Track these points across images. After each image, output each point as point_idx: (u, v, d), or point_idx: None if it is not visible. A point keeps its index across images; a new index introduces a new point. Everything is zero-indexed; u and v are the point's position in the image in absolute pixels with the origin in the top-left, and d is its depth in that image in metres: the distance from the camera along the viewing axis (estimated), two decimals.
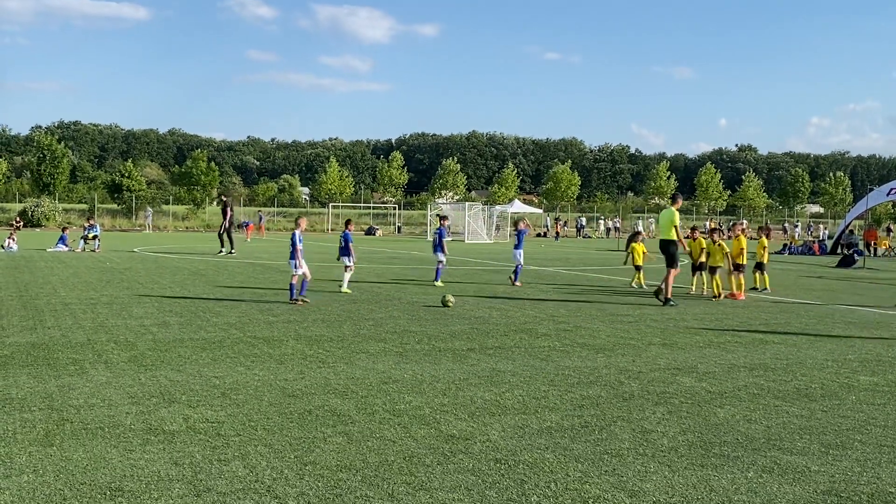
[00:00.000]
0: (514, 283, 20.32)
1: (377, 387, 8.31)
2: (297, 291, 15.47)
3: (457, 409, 7.44)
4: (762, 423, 7.22)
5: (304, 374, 8.84)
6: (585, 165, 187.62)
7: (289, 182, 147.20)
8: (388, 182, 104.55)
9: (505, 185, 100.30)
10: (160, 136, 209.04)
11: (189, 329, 11.92)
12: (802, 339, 12.44)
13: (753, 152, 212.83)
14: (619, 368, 9.63)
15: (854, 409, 7.81)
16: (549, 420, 7.15)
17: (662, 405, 7.82)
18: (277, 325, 12.60)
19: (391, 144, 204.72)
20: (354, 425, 6.82)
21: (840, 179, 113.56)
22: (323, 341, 11.09)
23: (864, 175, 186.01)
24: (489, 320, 13.65)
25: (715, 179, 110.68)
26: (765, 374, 9.48)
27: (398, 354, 10.22)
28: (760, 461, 6.10)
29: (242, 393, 7.89)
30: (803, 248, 47.40)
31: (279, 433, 6.53)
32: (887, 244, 46.56)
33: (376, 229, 68.38)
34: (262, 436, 6.45)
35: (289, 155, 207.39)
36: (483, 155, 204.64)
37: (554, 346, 11.10)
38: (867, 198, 45.50)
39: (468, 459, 5.99)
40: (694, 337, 12.35)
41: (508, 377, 8.96)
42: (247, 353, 10.04)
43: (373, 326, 12.63)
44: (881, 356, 10.93)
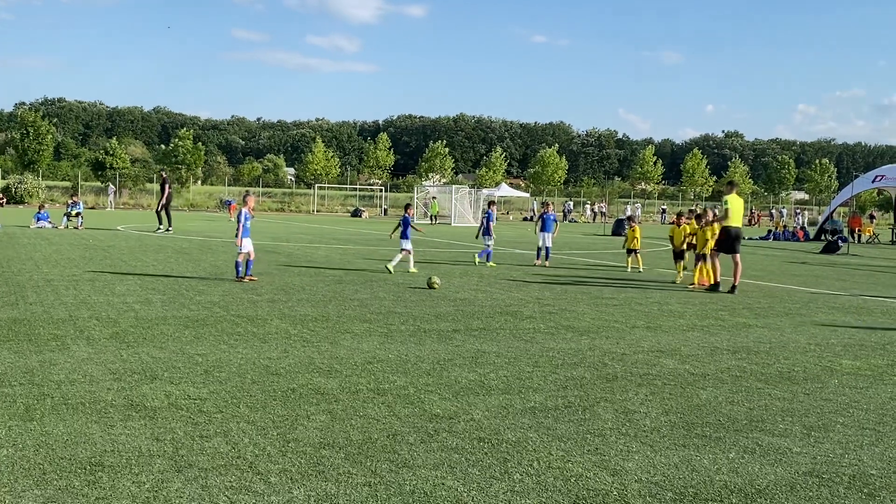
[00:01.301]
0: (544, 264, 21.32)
1: (361, 366, 8.29)
2: (242, 269, 15.43)
3: (441, 389, 7.43)
4: (744, 405, 7.24)
5: (288, 353, 8.81)
6: (573, 150, 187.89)
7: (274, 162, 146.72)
8: (374, 164, 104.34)
9: (492, 169, 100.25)
10: (145, 114, 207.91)
11: (172, 307, 11.85)
12: (786, 323, 12.49)
13: (740, 138, 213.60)
14: (603, 350, 9.64)
15: (836, 393, 7.85)
16: (532, 400, 7.15)
17: (645, 386, 7.84)
18: (261, 304, 12.55)
19: (378, 126, 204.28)
20: (338, 404, 6.80)
21: (825, 167, 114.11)
22: (307, 321, 11.05)
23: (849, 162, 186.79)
24: (474, 302, 13.65)
25: (701, 165, 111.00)
26: (747, 358, 9.52)
27: (383, 335, 10.19)
28: (742, 442, 6.12)
29: (225, 370, 7.85)
30: (787, 234, 47.61)
31: (262, 410, 6.50)
32: (871, 231, 46.81)
33: (362, 211, 68.26)
34: (244, 413, 6.42)
35: (274, 135, 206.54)
36: (470, 138, 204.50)
37: (538, 329, 11.10)
38: (852, 184, 45.73)
39: (452, 438, 5.98)
40: (678, 320, 12.38)
41: (493, 358, 8.96)
42: (230, 332, 9.99)
43: (358, 307, 12.60)
44: (864, 341, 10.99)
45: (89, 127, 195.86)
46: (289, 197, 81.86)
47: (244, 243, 15.42)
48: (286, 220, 53.23)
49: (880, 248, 39.57)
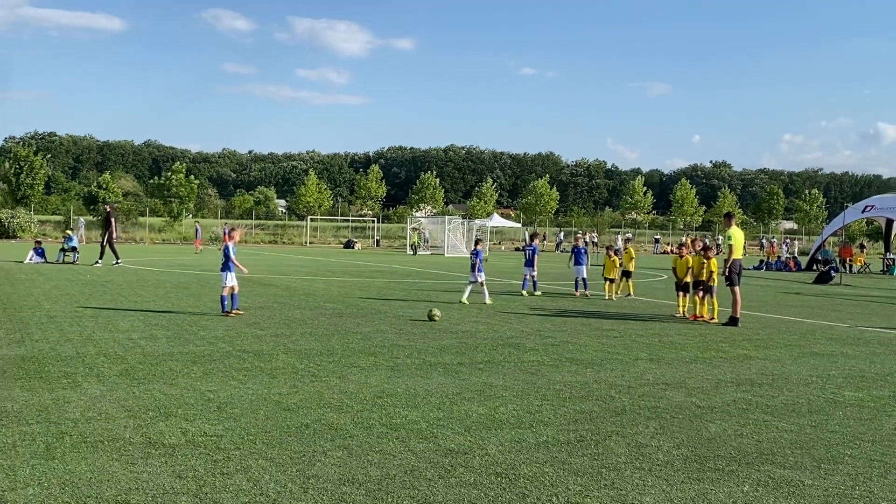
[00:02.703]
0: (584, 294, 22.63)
1: (372, 401, 8.36)
2: (228, 304, 15.45)
3: (453, 424, 7.50)
4: (753, 438, 7.33)
5: (298, 388, 8.87)
6: (562, 180, 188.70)
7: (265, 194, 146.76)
8: (366, 195, 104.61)
9: (483, 199, 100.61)
10: (136, 148, 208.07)
11: (177, 343, 11.91)
12: (786, 354, 12.61)
13: (728, 168, 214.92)
14: (609, 383, 9.73)
15: (842, 425, 7.95)
16: (544, 434, 7.23)
17: (655, 420, 7.92)
18: (266, 338, 12.61)
19: (369, 157, 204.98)
20: (353, 439, 6.86)
21: (814, 196, 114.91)
22: (313, 355, 11.12)
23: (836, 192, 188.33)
24: (476, 334, 13.73)
25: (690, 195, 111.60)
26: (752, 390, 9.62)
27: (390, 368, 10.27)
28: (755, 475, 6.21)
29: (238, 407, 7.91)
30: (779, 264, 47.88)
31: (279, 447, 6.57)
32: (862, 261, 47.13)
33: (355, 242, 68.36)
34: (262, 449, 6.48)
35: (265, 167, 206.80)
36: (461, 169, 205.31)
37: (543, 361, 11.19)
38: (843, 214, 46.12)
39: (469, 473, 6.05)
40: (680, 352, 12.49)
41: (501, 391, 9.04)
42: (238, 367, 10.05)
43: (361, 340, 12.67)
44: (864, 372, 11.11)
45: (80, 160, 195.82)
46: (281, 229, 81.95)
47: (229, 277, 15.49)
48: (280, 252, 53.27)
49: (872, 278, 39.83)
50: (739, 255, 16.78)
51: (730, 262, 16.54)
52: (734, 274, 16.56)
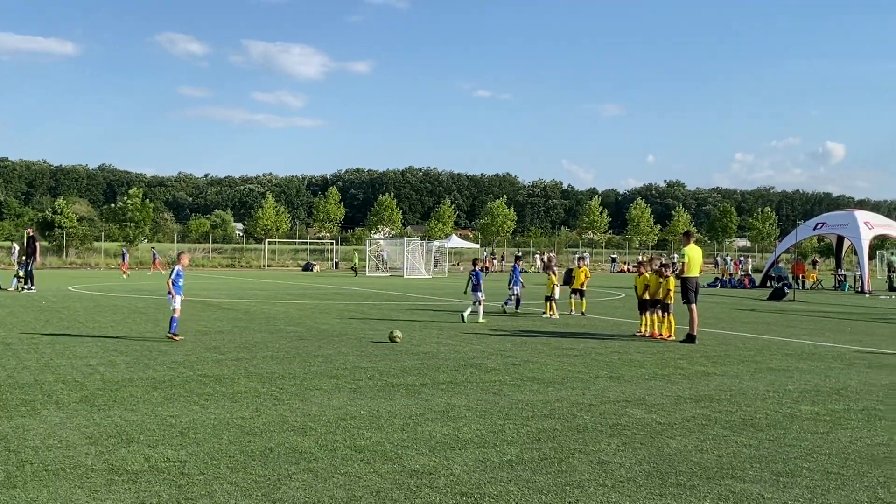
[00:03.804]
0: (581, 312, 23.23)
1: (335, 423, 8.35)
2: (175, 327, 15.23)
3: (417, 444, 7.53)
4: (713, 453, 7.45)
5: (260, 412, 8.84)
6: (520, 201, 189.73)
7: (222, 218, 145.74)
8: (324, 217, 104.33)
9: (441, 221, 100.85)
10: (90, 172, 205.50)
11: (137, 368, 11.79)
12: (743, 370, 12.82)
13: (682, 188, 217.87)
14: (571, 401, 9.82)
15: (799, 438, 8.11)
16: (508, 453, 7.28)
17: (616, 437, 8.02)
18: (226, 362, 12.53)
19: (326, 180, 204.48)
20: (318, 462, 6.86)
21: (767, 215, 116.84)
22: (275, 378, 11.07)
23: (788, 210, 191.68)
24: (438, 355, 13.77)
25: (645, 214, 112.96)
26: (710, 405, 9.76)
27: (352, 391, 10.26)
28: (716, 490, 6.32)
29: (200, 432, 7.86)
30: (733, 282, 48.57)
31: (243, 471, 6.54)
32: (815, 277, 47.98)
33: (314, 265, 68.09)
34: (226, 474, 6.45)
35: (221, 191, 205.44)
36: (418, 191, 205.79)
37: (504, 381, 11.26)
38: (796, 232, 46.99)
39: (434, 494, 6.08)
40: (639, 370, 12.63)
41: (464, 412, 9.08)
42: (199, 392, 9.98)
43: (323, 363, 12.64)
44: (819, 386, 11.33)
45: (32, 185, 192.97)
46: (239, 252, 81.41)
47: (177, 300, 15.31)
48: (238, 276, 52.89)
49: (824, 294, 40.57)
50: (695, 273, 17.04)
51: (682, 278, 16.80)
52: (690, 291, 16.81)
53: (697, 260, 17.23)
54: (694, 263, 17.02)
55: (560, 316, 22.48)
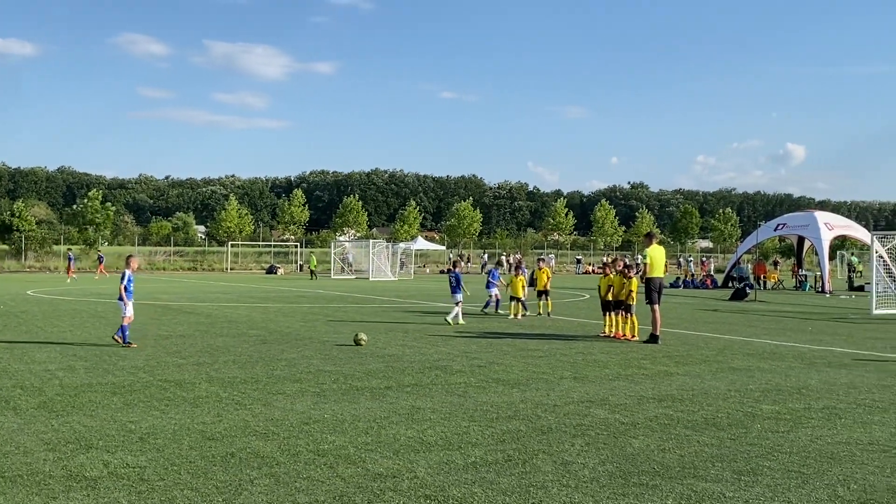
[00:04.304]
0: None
1: (298, 427, 8.29)
2: (121, 334, 14.91)
3: (381, 447, 7.49)
4: (676, 452, 7.49)
5: (222, 417, 8.74)
6: (485, 202, 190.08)
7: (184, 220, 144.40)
8: (288, 220, 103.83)
9: (407, 223, 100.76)
10: (49, 175, 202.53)
11: (96, 373, 11.62)
12: (705, 370, 12.92)
13: (645, 189, 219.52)
14: (535, 402, 9.83)
15: (760, 437, 8.18)
16: (472, 455, 7.27)
17: (580, 437, 8.03)
18: (187, 367, 12.40)
19: (290, 182, 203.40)
20: (280, 467, 6.79)
21: (728, 216, 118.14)
22: (237, 383, 10.97)
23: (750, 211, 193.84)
24: (403, 358, 13.73)
25: (610, 216, 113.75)
26: (673, 405, 9.82)
27: (316, 394, 10.19)
28: (678, 489, 6.34)
29: (161, 437, 7.76)
30: (695, 282, 49.01)
31: (204, 477, 6.46)
32: (776, 277, 48.55)
33: (277, 268, 67.71)
34: (186, 480, 6.36)
35: (183, 193, 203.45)
36: (384, 192, 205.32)
37: (470, 383, 11.25)
38: (757, 233, 47.50)
39: (398, 496, 6.04)
40: (603, 370, 12.68)
41: (429, 414, 9.05)
42: (159, 397, 9.86)
43: (286, 367, 12.55)
44: (780, 385, 11.44)
45: None
46: (201, 255, 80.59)
47: (128, 307, 15.03)
48: (200, 279, 52.41)
49: (785, 294, 41.07)
50: (658, 274, 17.16)
51: (645, 279, 16.96)
52: (653, 292, 16.93)
53: (660, 260, 17.36)
54: (657, 264, 17.14)
55: (524, 317, 22.56)
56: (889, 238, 34.82)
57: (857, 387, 11.37)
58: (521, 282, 23.26)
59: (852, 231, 48.62)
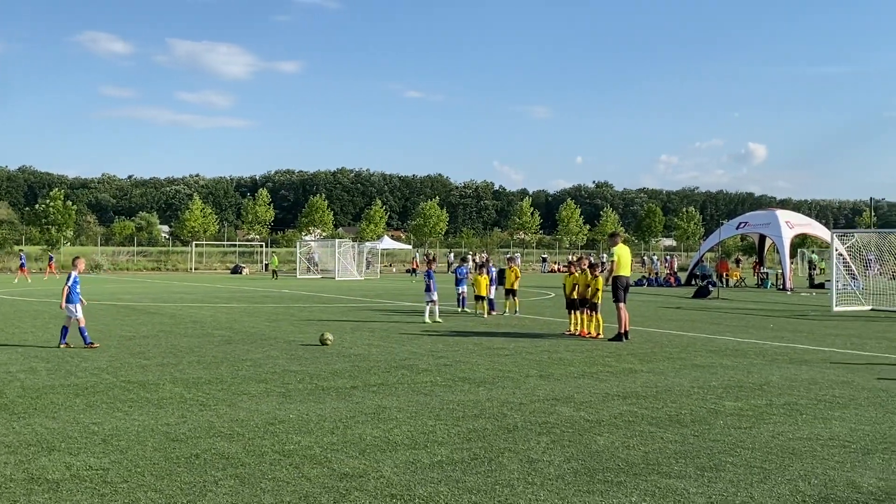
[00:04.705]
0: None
1: (263, 428, 8.25)
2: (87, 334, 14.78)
3: (347, 447, 7.48)
4: (640, 449, 7.56)
5: (186, 418, 8.68)
6: (452, 202, 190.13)
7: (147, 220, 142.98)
8: (253, 219, 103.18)
9: (373, 222, 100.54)
10: (10, 174, 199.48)
11: (58, 375, 11.48)
12: (669, 367, 13.04)
13: (610, 188, 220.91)
14: (501, 401, 9.87)
15: (723, 433, 8.28)
16: (439, 454, 7.28)
17: (545, 435, 8.08)
18: (151, 368, 12.29)
19: (255, 181, 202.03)
20: (245, 468, 6.76)
21: (691, 214, 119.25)
22: (201, 384, 10.89)
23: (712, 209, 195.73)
24: (369, 357, 13.71)
25: (575, 215, 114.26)
26: (637, 402, 9.91)
27: (281, 395, 10.15)
28: (642, 485, 6.40)
29: (124, 439, 7.69)
30: (659, 280, 49.41)
31: (168, 478, 6.41)
32: (738, 275, 49.08)
33: (242, 268, 67.25)
34: (150, 482, 6.31)
35: (146, 192, 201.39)
36: (350, 192, 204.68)
37: (436, 381, 11.27)
38: (719, 231, 47.99)
39: (364, 496, 6.04)
40: (568, 368, 12.76)
41: (395, 413, 9.05)
42: (123, 399, 9.76)
43: (252, 367, 12.48)
44: (742, 382, 11.58)
45: None
46: (165, 255, 79.77)
47: (78, 308, 14.84)
48: (164, 279, 51.92)
49: (747, 292, 41.53)
50: (625, 273, 17.32)
51: (611, 278, 17.14)
52: (620, 290, 17.07)
53: (626, 259, 17.53)
54: (623, 263, 17.31)
55: (492, 316, 22.65)
56: (848, 236, 35.39)
57: (817, 383, 11.54)
58: (486, 280, 23.37)
59: (813, 229, 49.29)
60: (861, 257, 37.85)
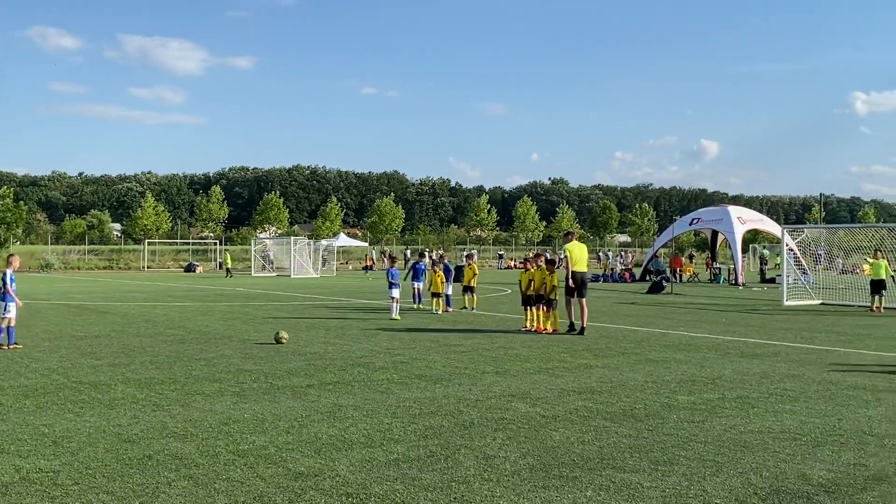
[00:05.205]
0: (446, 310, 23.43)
1: (217, 428, 8.17)
2: (4, 337, 14.45)
3: (302, 447, 7.43)
4: (595, 444, 7.62)
5: (139, 419, 8.57)
6: (408, 199, 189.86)
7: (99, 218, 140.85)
8: (207, 217, 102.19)
9: (329, 219, 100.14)
10: None
11: (7, 376, 11.27)
12: (623, 362, 13.16)
13: (565, 185, 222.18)
14: (458, 398, 9.88)
15: (676, 427, 8.37)
16: (395, 452, 7.27)
17: (501, 431, 8.11)
18: (103, 368, 12.11)
19: (209, 178, 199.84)
20: (199, 468, 6.69)
21: (645, 210, 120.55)
22: (154, 384, 10.76)
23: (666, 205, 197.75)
24: (325, 355, 13.65)
25: (531, 211, 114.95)
26: (592, 397, 9.98)
27: (235, 394, 10.06)
28: (597, 480, 6.45)
29: (75, 440, 7.56)
30: (615, 276, 49.85)
31: (120, 480, 6.32)
32: (691, 270, 49.68)
33: (196, 266, 66.52)
34: (102, 483, 6.22)
35: (98, 190, 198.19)
36: (305, 189, 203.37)
37: (392, 379, 11.25)
38: (672, 227, 48.54)
39: (319, 496, 6.01)
40: (524, 364, 12.82)
41: (351, 412, 9.02)
42: (74, 400, 9.61)
43: (205, 367, 12.36)
44: (695, 376, 11.73)
45: None
46: (117, 254, 78.66)
47: (9, 308, 14.59)
48: (116, 278, 51.21)
49: (700, 287, 42.04)
50: (579, 268, 17.51)
51: (568, 274, 17.34)
52: (578, 285, 17.33)
53: (580, 255, 17.71)
54: (577, 259, 17.50)
55: (448, 312, 22.69)
56: (798, 231, 35.99)
57: (768, 376, 11.73)
58: (440, 277, 23.35)
59: (764, 225, 50.04)
60: (811, 252, 38.56)
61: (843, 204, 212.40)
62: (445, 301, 23.54)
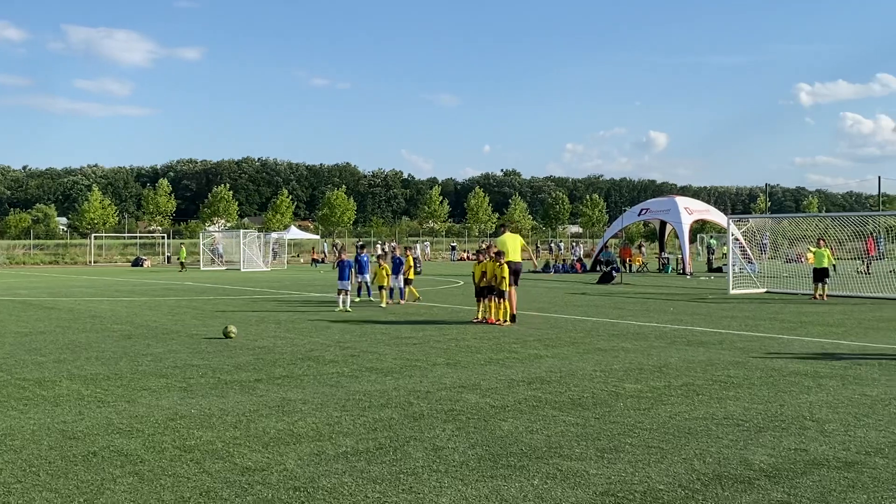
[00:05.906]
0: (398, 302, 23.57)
1: (164, 423, 8.09)
2: None
3: (250, 441, 7.39)
4: (543, 433, 7.69)
5: (84, 415, 8.45)
6: (360, 191, 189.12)
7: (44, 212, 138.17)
8: (154, 210, 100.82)
9: (280, 212, 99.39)
10: None
11: None
12: (573, 352, 13.29)
13: (518, 177, 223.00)
14: (408, 390, 9.90)
15: (623, 415, 8.49)
16: (344, 445, 7.27)
17: (451, 422, 8.14)
18: (47, 364, 11.91)
19: (157, 171, 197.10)
20: (144, 464, 6.62)
21: (596, 201, 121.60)
22: (99, 380, 10.61)
23: (617, 196, 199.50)
24: (274, 349, 13.57)
25: (484, 203, 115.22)
26: (541, 387, 10.07)
27: (182, 389, 9.97)
28: (544, 469, 6.52)
29: (18, 438, 7.44)
30: (566, 267, 50.23)
31: (64, 477, 6.24)
32: (640, 261, 50.25)
33: (144, 260, 65.62)
34: (46, 481, 6.13)
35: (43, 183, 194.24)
36: (255, 181, 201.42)
37: (342, 372, 11.23)
38: (622, 218, 49.04)
39: (266, 490, 5.99)
40: (475, 355, 12.87)
41: (299, 405, 8.99)
42: (17, 397, 9.45)
43: (152, 362, 12.21)
44: (642, 364, 11.89)
45: None
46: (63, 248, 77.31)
47: None
48: (62, 273, 50.32)
49: (649, 277, 42.59)
50: (512, 258, 18.26)
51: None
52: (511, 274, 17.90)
53: (511, 246, 18.48)
54: (508, 249, 18.29)
55: (397, 304, 22.70)
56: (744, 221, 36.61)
57: (714, 364, 11.93)
58: (385, 270, 23.22)
59: (710, 215, 50.76)
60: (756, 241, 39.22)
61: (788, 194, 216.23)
62: (389, 293, 23.49)
